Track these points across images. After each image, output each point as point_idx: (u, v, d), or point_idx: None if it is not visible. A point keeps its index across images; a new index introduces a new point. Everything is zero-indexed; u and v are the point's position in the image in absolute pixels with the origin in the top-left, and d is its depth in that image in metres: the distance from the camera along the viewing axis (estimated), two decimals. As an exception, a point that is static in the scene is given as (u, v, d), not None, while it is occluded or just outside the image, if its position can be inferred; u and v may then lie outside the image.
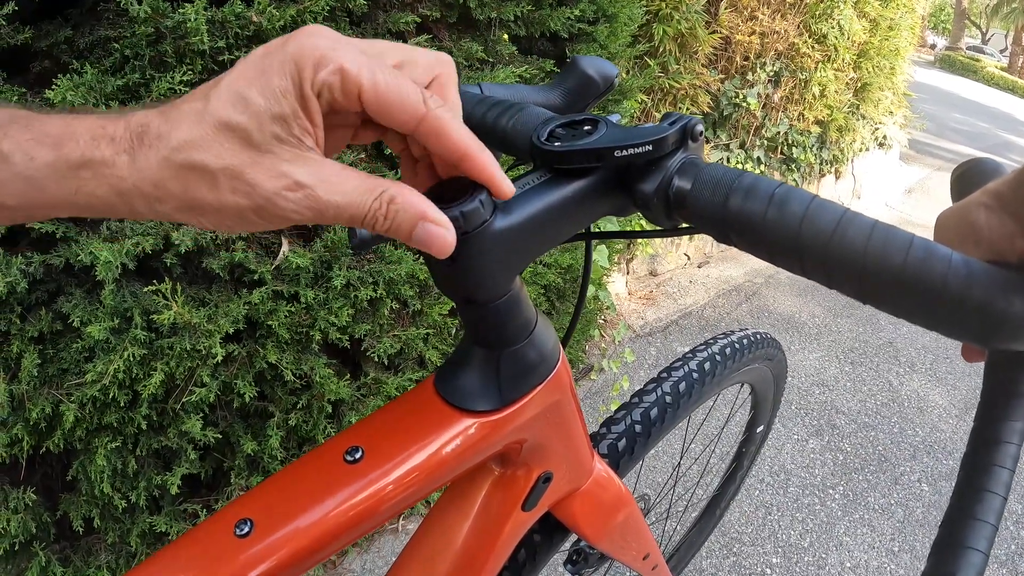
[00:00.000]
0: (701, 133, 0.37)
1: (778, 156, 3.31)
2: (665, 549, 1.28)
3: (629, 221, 2.19)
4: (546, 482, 0.52)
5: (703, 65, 2.61)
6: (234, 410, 1.18)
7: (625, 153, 0.35)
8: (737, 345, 0.88)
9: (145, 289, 0.97)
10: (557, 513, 0.60)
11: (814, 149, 3.50)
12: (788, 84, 3.15)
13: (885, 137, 4.38)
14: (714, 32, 2.58)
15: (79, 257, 0.91)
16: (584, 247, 0.62)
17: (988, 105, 12.63)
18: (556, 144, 0.37)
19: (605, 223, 2.02)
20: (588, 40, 1.53)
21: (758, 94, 2.99)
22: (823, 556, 1.64)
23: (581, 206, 0.38)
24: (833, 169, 3.87)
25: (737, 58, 2.86)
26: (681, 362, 0.83)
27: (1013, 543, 1.74)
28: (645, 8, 2.12)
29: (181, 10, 0.88)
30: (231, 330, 1.04)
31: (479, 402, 0.42)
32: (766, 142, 3.22)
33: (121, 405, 1.02)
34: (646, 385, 0.80)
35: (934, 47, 28.24)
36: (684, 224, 0.38)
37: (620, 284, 2.68)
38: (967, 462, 0.39)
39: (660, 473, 1.82)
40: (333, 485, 0.38)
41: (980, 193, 0.35)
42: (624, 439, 0.73)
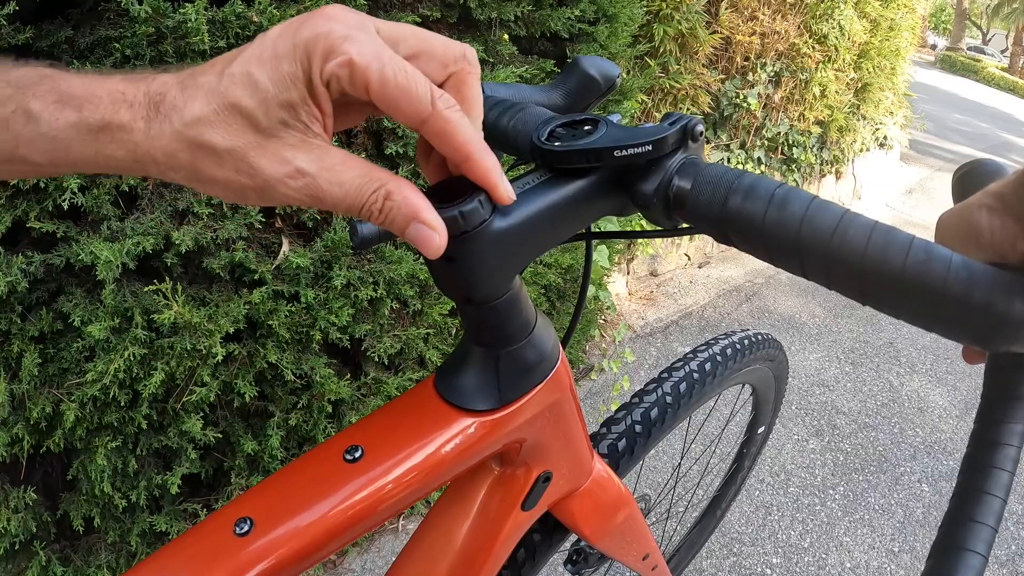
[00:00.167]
0: (701, 133, 0.37)
1: (778, 156, 3.31)
2: (665, 549, 1.28)
3: (629, 221, 2.19)
4: (546, 482, 0.52)
5: (703, 65, 2.61)
6: (234, 410, 1.18)
7: (625, 153, 0.35)
8: (738, 346, 0.88)
9: (145, 289, 0.97)
10: (557, 513, 0.60)
11: (814, 149, 3.50)
12: (788, 84, 3.15)
13: (886, 137, 4.38)
14: (714, 32, 2.58)
15: (80, 257, 0.91)
16: (584, 247, 0.62)
17: (989, 105, 12.63)
18: (556, 144, 0.37)
19: (606, 223, 2.02)
20: (588, 40, 1.53)
21: (758, 94, 2.99)
22: (823, 556, 1.64)
23: (581, 206, 0.38)
24: (833, 169, 3.87)
25: (738, 58, 2.86)
26: (682, 362, 0.83)
27: (1013, 543, 1.74)
28: (645, 8, 2.12)
29: (182, 10, 0.88)
30: (231, 330, 1.04)
31: (479, 401, 0.42)
32: (766, 142, 3.22)
33: (121, 405, 1.02)
34: (646, 385, 0.80)
35: (935, 47, 28.24)
36: (684, 224, 0.38)
37: (620, 284, 2.68)
38: (967, 464, 0.39)
39: (661, 473, 1.82)
40: (333, 484, 0.38)
41: (982, 194, 0.35)
42: (624, 439, 0.73)
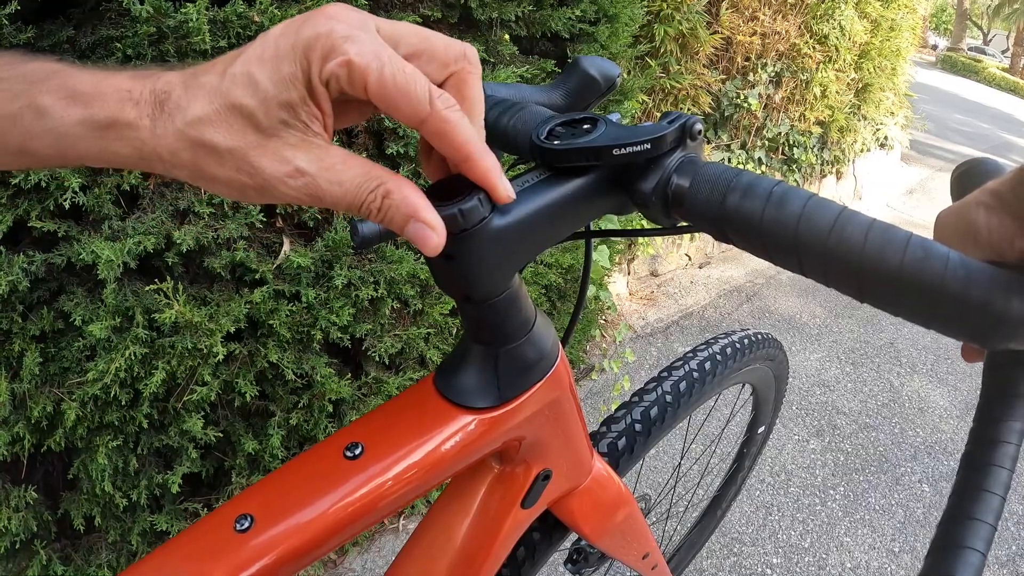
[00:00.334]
0: (700, 132, 0.37)
1: (779, 157, 3.32)
2: (666, 549, 1.28)
3: (630, 220, 2.19)
4: (545, 480, 0.52)
5: (704, 65, 2.61)
6: (235, 409, 1.18)
7: (624, 152, 0.35)
8: (738, 345, 0.88)
9: (147, 288, 0.97)
10: (556, 511, 0.60)
11: (815, 150, 3.50)
12: (789, 85, 3.15)
13: (886, 138, 4.38)
14: (715, 32, 2.58)
15: (81, 256, 0.91)
16: (584, 246, 0.62)
17: (989, 106, 12.63)
18: (555, 143, 0.37)
19: (606, 222, 2.02)
20: (589, 40, 1.53)
21: (759, 95, 2.99)
22: (823, 557, 1.64)
23: (580, 204, 0.38)
24: (834, 170, 3.87)
25: (738, 58, 2.87)
26: (682, 362, 0.83)
27: (1014, 544, 1.74)
28: (646, 8, 2.12)
29: (183, 10, 0.88)
30: (232, 329, 1.04)
31: (478, 399, 0.43)
32: (767, 142, 3.22)
33: (122, 404, 1.02)
34: (646, 384, 0.80)
35: (935, 48, 28.22)
36: (683, 223, 0.38)
37: (621, 284, 2.68)
38: (966, 462, 0.39)
39: (661, 473, 1.82)
40: (333, 481, 0.39)
41: (980, 192, 0.35)
42: (624, 438, 0.73)
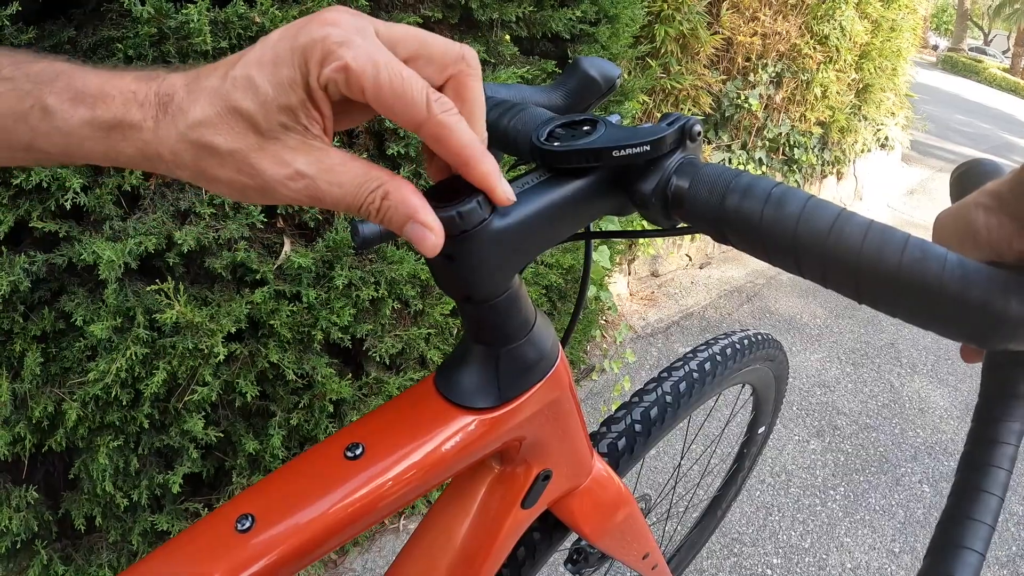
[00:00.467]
0: (699, 133, 0.37)
1: (780, 157, 3.32)
2: (666, 549, 1.28)
3: (631, 221, 2.19)
4: (545, 480, 0.53)
5: (705, 66, 2.61)
6: (236, 409, 1.19)
7: (623, 153, 0.35)
8: (738, 345, 0.88)
9: (148, 288, 0.97)
10: (557, 511, 0.60)
11: (816, 150, 3.50)
12: (790, 85, 3.15)
13: (887, 138, 4.38)
14: (716, 33, 2.58)
15: (82, 256, 0.91)
16: (584, 246, 0.62)
17: (990, 106, 12.62)
18: (555, 144, 0.37)
19: (607, 223, 2.02)
20: (590, 41, 1.53)
21: (760, 95, 2.99)
22: (824, 557, 1.64)
23: (580, 206, 0.38)
24: (835, 170, 3.87)
25: (739, 59, 2.87)
26: (682, 362, 0.83)
27: (1014, 544, 1.74)
28: (647, 9, 2.12)
29: (184, 11, 0.88)
30: (233, 329, 1.04)
31: (478, 399, 0.43)
32: (768, 143, 3.22)
33: (123, 404, 1.02)
34: (646, 385, 0.80)
35: (936, 48, 28.21)
36: (682, 224, 0.38)
37: (622, 285, 2.68)
38: (964, 462, 0.39)
39: (661, 473, 1.82)
40: (333, 481, 0.39)
41: (979, 193, 0.35)
42: (624, 438, 0.73)
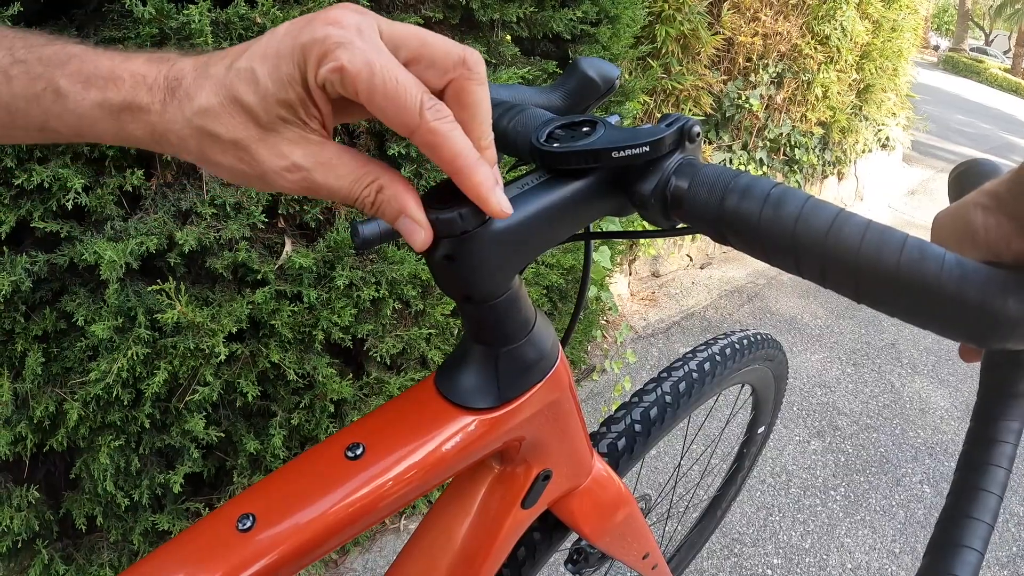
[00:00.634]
0: (698, 134, 0.37)
1: (780, 157, 3.31)
2: (666, 549, 1.28)
3: (631, 221, 2.19)
4: (545, 480, 0.53)
5: (706, 66, 2.61)
6: (237, 409, 1.19)
7: (622, 154, 0.35)
8: (737, 345, 0.88)
9: (149, 288, 0.97)
10: (557, 511, 0.60)
11: (817, 150, 3.50)
12: (791, 85, 3.15)
13: (888, 138, 4.37)
14: (716, 33, 2.58)
15: (83, 256, 0.91)
16: (584, 247, 0.62)
17: (991, 106, 12.61)
18: (555, 145, 0.37)
19: (607, 223, 2.02)
20: (590, 41, 1.53)
21: (761, 95, 2.99)
22: (824, 557, 1.64)
23: (579, 206, 0.38)
24: (836, 170, 3.87)
25: (740, 59, 2.87)
26: (681, 362, 0.84)
27: (1015, 545, 1.74)
28: (647, 9, 2.12)
29: (185, 11, 0.88)
30: (234, 329, 1.05)
31: (478, 399, 0.43)
32: (769, 143, 3.22)
33: (124, 404, 1.02)
34: (646, 385, 0.80)
35: (937, 48, 28.20)
36: (681, 224, 0.38)
37: (622, 285, 2.68)
38: (963, 461, 0.39)
39: (662, 474, 1.82)
40: (334, 481, 0.39)
41: (977, 193, 0.35)
42: (624, 438, 0.73)
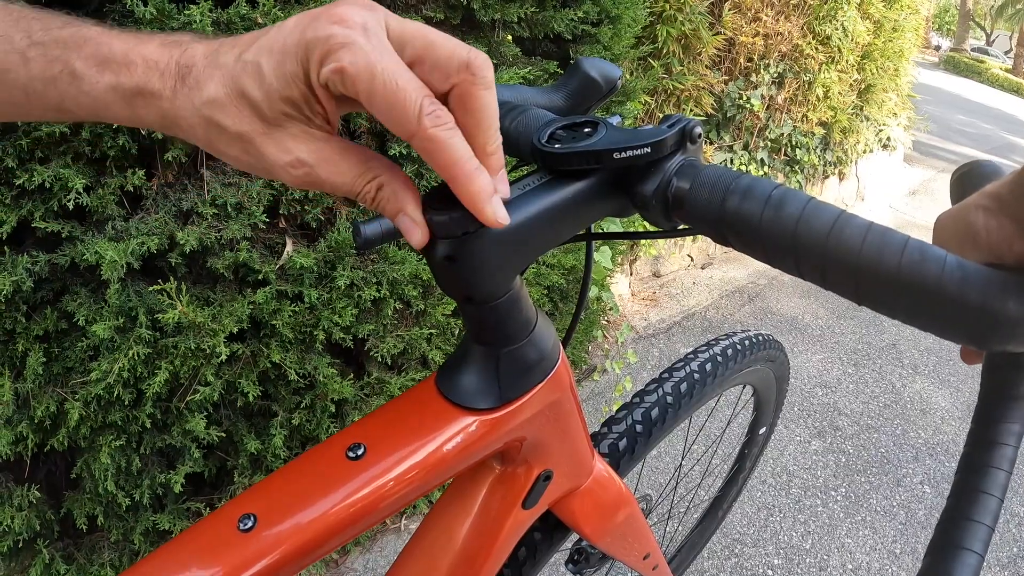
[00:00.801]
0: (699, 135, 0.37)
1: (782, 157, 3.31)
2: (667, 550, 1.28)
3: (632, 222, 2.19)
4: (546, 480, 0.53)
5: (707, 66, 2.61)
6: (238, 409, 1.19)
7: (624, 155, 0.35)
8: (738, 346, 0.88)
9: (150, 288, 0.97)
10: (557, 512, 0.60)
11: (818, 151, 3.50)
12: (792, 85, 3.15)
13: (889, 139, 4.37)
14: (718, 33, 2.58)
15: (84, 256, 0.91)
16: (585, 248, 0.62)
17: (992, 107, 12.60)
18: (556, 146, 0.37)
19: (609, 224, 2.02)
20: (592, 41, 1.53)
21: (762, 95, 2.99)
22: (825, 558, 1.64)
23: (580, 207, 0.38)
24: (837, 171, 3.87)
25: (741, 59, 2.86)
26: (682, 363, 0.84)
27: (1015, 545, 1.74)
28: (649, 10, 2.12)
29: (187, 11, 0.89)
30: (235, 329, 1.05)
31: (479, 400, 0.43)
32: (770, 143, 3.22)
33: (125, 404, 1.02)
34: (647, 385, 0.80)
35: (938, 48, 28.19)
36: (682, 225, 0.38)
37: (623, 285, 2.68)
38: (964, 463, 0.39)
39: (663, 474, 1.82)
40: (335, 481, 0.39)
41: (978, 195, 0.35)
42: (625, 439, 0.73)
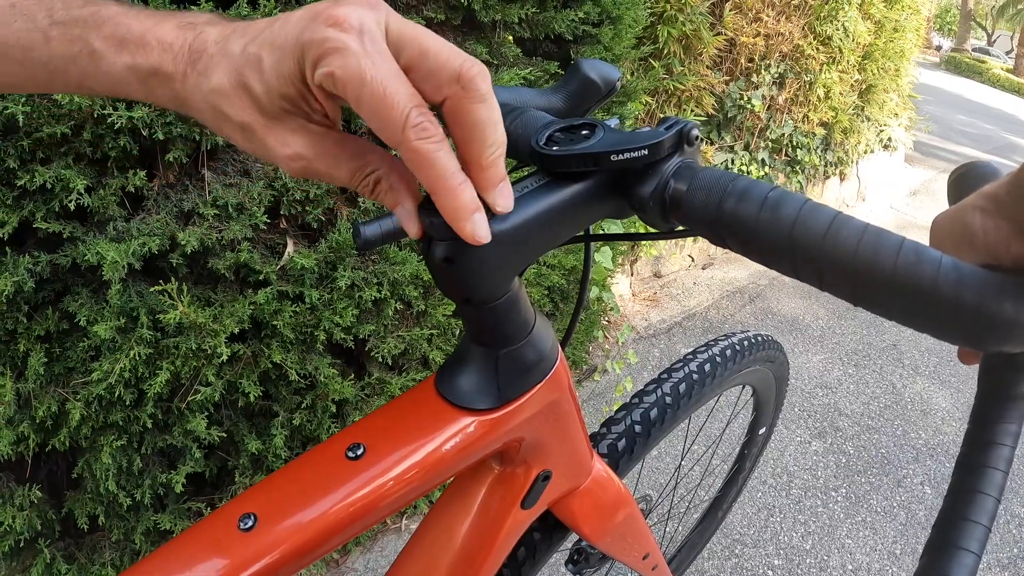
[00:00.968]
0: (697, 137, 0.37)
1: (782, 158, 3.31)
2: (667, 550, 1.28)
3: (632, 223, 2.19)
4: (545, 480, 0.53)
5: (708, 67, 2.61)
6: (239, 409, 1.19)
7: (621, 157, 0.36)
8: (738, 347, 0.89)
9: (151, 289, 0.98)
10: (557, 512, 0.61)
11: (819, 151, 3.50)
12: (793, 86, 3.15)
13: (890, 139, 4.37)
14: (719, 34, 2.58)
15: (86, 257, 0.91)
16: (584, 249, 0.63)
17: (993, 107, 12.59)
18: (554, 148, 0.37)
19: (609, 225, 2.02)
20: (592, 42, 1.53)
21: (763, 96, 2.99)
22: (825, 558, 1.64)
23: (578, 209, 0.38)
24: (838, 171, 3.87)
25: (742, 60, 2.87)
26: (682, 363, 0.84)
27: (1016, 546, 1.74)
28: (649, 10, 2.12)
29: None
30: (236, 330, 1.05)
31: (478, 400, 0.43)
32: (770, 144, 3.22)
33: (127, 404, 1.02)
34: (646, 386, 0.80)
35: (939, 49, 28.16)
36: (680, 227, 0.38)
37: (624, 285, 2.69)
38: (961, 463, 0.39)
39: (663, 474, 1.82)
40: (335, 481, 0.39)
41: (976, 196, 0.35)
42: (624, 439, 0.73)
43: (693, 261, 3.14)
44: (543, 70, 1.42)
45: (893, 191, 4.65)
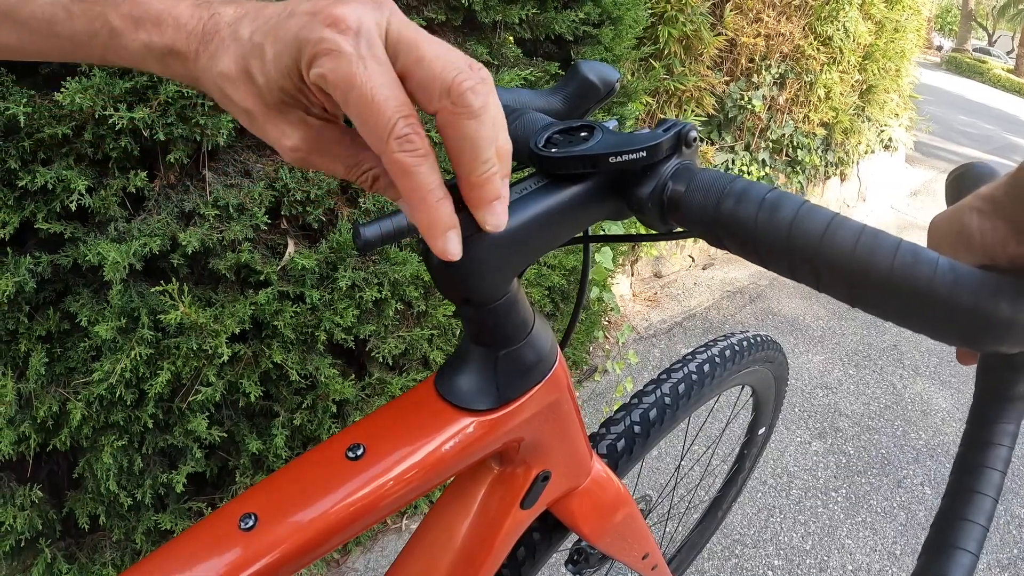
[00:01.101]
0: (695, 139, 0.38)
1: (783, 158, 3.31)
2: (667, 550, 1.28)
3: (632, 224, 2.19)
4: (544, 480, 0.53)
5: (708, 67, 2.61)
6: (239, 409, 1.19)
7: (620, 159, 0.36)
8: (737, 347, 0.89)
9: (152, 289, 0.98)
10: (556, 512, 0.61)
11: (819, 151, 3.50)
12: (793, 86, 3.15)
13: (891, 139, 4.37)
14: (719, 34, 2.58)
15: (87, 257, 0.92)
16: (583, 250, 0.63)
17: (994, 107, 12.57)
18: (553, 150, 0.37)
19: (609, 226, 2.03)
20: (593, 42, 1.54)
21: (763, 96, 2.99)
22: (825, 559, 1.64)
23: (577, 211, 0.38)
24: (838, 171, 3.86)
25: (742, 60, 2.87)
26: (681, 363, 0.84)
27: (1016, 547, 1.74)
28: (650, 10, 2.13)
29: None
30: (237, 330, 1.05)
31: (477, 401, 0.43)
32: (771, 144, 3.22)
33: (128, 404, 1.03)
34: (646, 386, 0.81)
35: (940, 49, 28.15)
36: (678, 228, 0.38)
37: (624, 286, 2.69)
38: (958, 464, 0.39)
39: (663, 474, 1.82)
40: (335, 481, 0.39)
41: (973, 197, 0.36)
42: (623, 439, 0.73)
43: (694, 261, 3.14)
44: (544, 71, 1.42)
45: (894, 191, 4.65)
